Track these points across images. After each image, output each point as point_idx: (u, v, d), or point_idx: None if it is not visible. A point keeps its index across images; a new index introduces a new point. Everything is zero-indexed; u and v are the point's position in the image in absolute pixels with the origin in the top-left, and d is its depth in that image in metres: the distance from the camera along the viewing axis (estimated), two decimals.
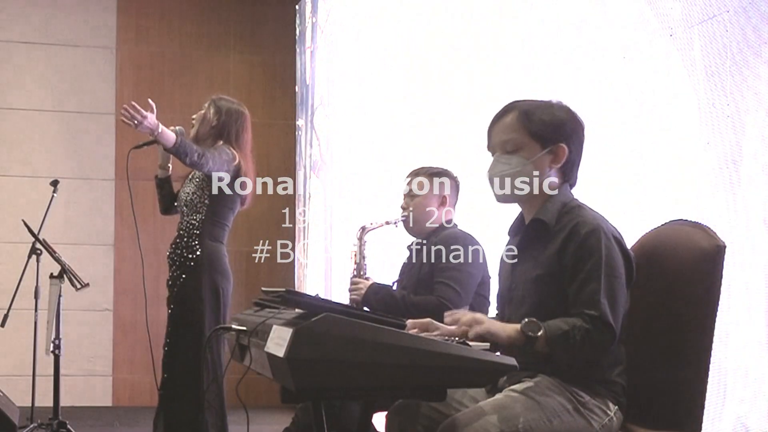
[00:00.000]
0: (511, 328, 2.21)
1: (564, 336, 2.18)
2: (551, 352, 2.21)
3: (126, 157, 4.26)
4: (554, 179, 2.41)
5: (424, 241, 3.46)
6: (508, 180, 2.40)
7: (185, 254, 4.05)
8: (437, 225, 3.47)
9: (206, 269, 4.04)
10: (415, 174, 3.55)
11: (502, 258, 2.61)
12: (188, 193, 4.11)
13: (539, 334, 2.18)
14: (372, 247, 3.69)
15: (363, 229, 3.66)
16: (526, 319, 2.20)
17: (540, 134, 2.38)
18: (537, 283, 2.34)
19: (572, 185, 2.46)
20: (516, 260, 2.47)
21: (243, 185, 4.10)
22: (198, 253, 4.04)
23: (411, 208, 3.49)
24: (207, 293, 4.04)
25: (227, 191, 4.05)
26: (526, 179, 2.39)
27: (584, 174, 3.16)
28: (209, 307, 4.03)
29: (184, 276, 4.06)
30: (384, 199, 5.14)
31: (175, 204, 4.26)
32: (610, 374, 2.30)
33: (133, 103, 3.79)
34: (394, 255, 3.76)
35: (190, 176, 4.15)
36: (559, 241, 2.31)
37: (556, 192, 2.41)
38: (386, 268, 3.82)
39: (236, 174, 4.05)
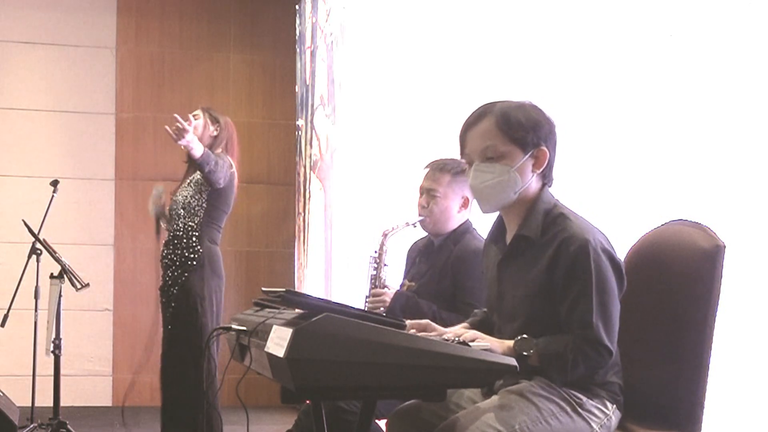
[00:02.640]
0: (505, 345, 2.21)
1: (556, 356, 2.19)
2: (543, 368, 2.22)
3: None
4: (535, 182, 2.38)
5: (442, 242, 3.35)
6: (493, 190, 2.34)
7: (186, 254, 4.17)
8: (456, 226, 3.34)
9: (207, 269, 4.20)
10: (438, 169, 3.35)
11: (486, 263, 2.59)
12: (186, 196, 4.23)
13: (531, 352, 2.19)
14: (391, 252, 3.55)
15: (385, 234, 3.50)
16: (519, 337, 2.21)
17: (521, 139, 2.32)
18: (528, 300, 2.32)
19: (549, 184, 2.43)
20: (502, 269, 2.44)
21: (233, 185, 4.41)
22: (200, 254, 4.19)
23: (432, 210, 3.32)
24: (208, 292, 4.18)
25: (226, 201, 4.36)
26: (512, 187, 2.33)
27: (585, 174, 3.17)
28: (209, 305, 4.14)
29: (186, 275, 4.14)
30: (384, 199, 5.13)
31: (167, 209, 4.44)
32: (606, 375, 2.29)
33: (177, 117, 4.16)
34: (402, 256, 3.66)
35: (188, 180, 4.26)
36: (546, 258, 2.28)
37: (537, 199, 2.37)
38: (393, 269, 3.73)
39: (231, 179, 4.32)
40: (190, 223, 4.20)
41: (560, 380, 2.24)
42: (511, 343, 2.21)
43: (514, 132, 2.32)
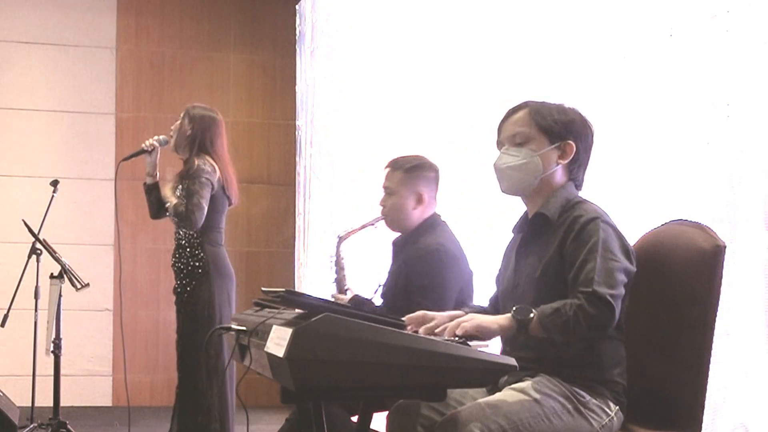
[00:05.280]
0: (501, 318, 2.20)
1: (556, 313, 2.16)
2: (546, 333, 2.18)
3: (124, 159, 4.36)
4: (560, 175, 2.42)
5: (404, 240, 3.35)
6: (514, 171, 2.40)
7: (191, 262, 4.22)
8: (417, 223, 3.33)
9: (213, 274, 4.21)
10: (392, 167, 3.37)
11: (505, 256, 2.60)
12: (179, 205, 4.17)
13: (531, 316, 2.17)
14: (353, 252, 3.54)
15: (339, 238, 3.51)
16: (516, 306, 2.20)
17: (549, 129, 2.39)
18: (540, 278, 2.34)
19: (578, 186, 2.46)
20: (519, 256, 2.46)
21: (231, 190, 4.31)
22: (203, 260, 4.20)
23: (387, 208, 3.34)
24: (217, 297, 4.20)
25: (219, 201, 4.25)
26: (533, 171, 2.39)
27: (585, 174, 3.16)
28: (219, 309, 4.15)
29: (194, 282, 4.17)
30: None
31: (166, 210, 4.35)
32: (611, 374, 2.30)
33: None
34: (379, 256, 3.64)
35: (178, 189, 4.22)
36: (560, 235, 2.32)
37: (560, 188, 2.41)
38: (372, 270, 3.71)
39: (219, 184, 4.22)
40: (190, 233, 4.21)
41: (564, 341, 2.20)
42: (507, 315, 2.19)
43: (543, 121, 2.40)
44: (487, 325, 2.18)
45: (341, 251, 3.54)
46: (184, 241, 4.24)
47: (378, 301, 3.39)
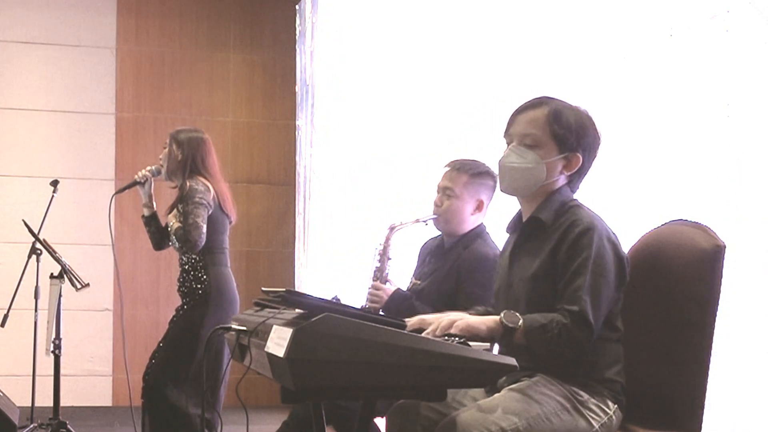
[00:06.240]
0: (490, 320, 2.23)
1: (541, 329, 2.20)
2: (529, 344, 2.22)
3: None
4: (560, 181, 2.42)
5: (453, 244, 3.31)
6: (517, 173, 2.40)
7: (194, 285, 4.18)
8: (469, 229, 3.30)
9: (213, 300, 4.16)
10: (457, 169, 3.29)
11: (501, 255, 2.61)
12: (179, 229, 4.14)
13: (519, 324, 2.20)
14: (397, 246, 3.50)
15: (392, 228, 3.46)
16: (506, 311, 2.22)
17: (562, 139, 2.38)
18: (532, 281, 2.35)
19: (573, 191, 2.46)
20: (513, 257, 2.47)
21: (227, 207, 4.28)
22: (206, 282, 4.15)
23: (445, 209, 3.28)
24: (205, 328, 4.08)
25: (219, 220, 4.22)
26: (535, 177, 2.39)
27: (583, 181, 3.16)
28: (203, 341, 4.05)
29: (191, 303, 4.15)
30: (384, 199, 5.13)
31: (170, 241, 4.32)
32: (609, 373, 2.30)
33: None
34: (415, 252, 3.60)
35: (176, 211, 4.21)
36: (554, 240, 2.33)
37: (557, 191, 2.41)
38: (407, 266, 3.66)
39: (216, 202, 4.20)
40: (193, 257, 4.17)
41: (545, 355, 2.24)
42: (496, 318, 2.22)
43: (559, 129, 2.38)
44: (477, 326, 2.21)
45: (391, 242, 3.47)
46: (187, 266, 4.20)
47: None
